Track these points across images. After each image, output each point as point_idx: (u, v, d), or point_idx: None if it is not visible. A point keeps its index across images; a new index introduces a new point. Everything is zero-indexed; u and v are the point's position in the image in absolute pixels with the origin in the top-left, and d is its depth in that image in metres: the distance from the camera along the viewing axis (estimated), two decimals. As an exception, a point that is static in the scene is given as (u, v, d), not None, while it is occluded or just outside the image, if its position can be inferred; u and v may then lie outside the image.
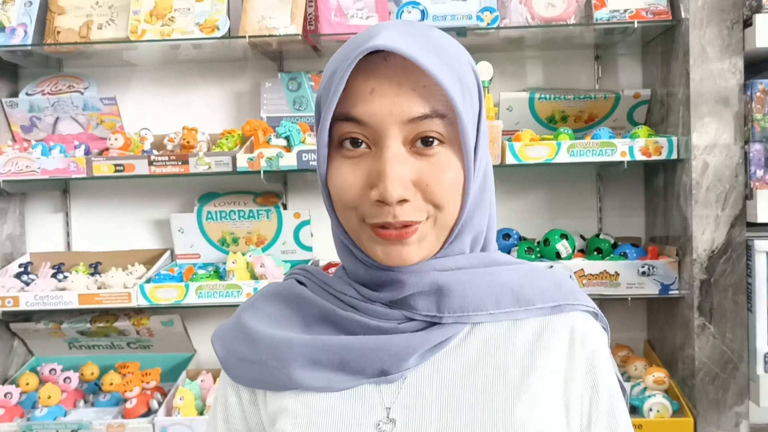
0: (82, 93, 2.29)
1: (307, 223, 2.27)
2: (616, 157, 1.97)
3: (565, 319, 0.81)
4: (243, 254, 2.16)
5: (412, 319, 0.78)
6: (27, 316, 2.28)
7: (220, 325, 0.88)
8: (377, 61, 0.73)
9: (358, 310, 0.80)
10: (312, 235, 2.28)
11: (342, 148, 0.75)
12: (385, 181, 0.71)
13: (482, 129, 0.78)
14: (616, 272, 2.00)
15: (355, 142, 0.74)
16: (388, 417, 0.77)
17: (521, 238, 2.19)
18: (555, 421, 0.78)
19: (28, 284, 2.16)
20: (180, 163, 2.04)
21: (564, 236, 2.08)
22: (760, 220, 1.81)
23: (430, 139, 0.74)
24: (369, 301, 0.80)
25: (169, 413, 2.05)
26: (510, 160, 1.99)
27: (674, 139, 1.96)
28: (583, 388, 0.80)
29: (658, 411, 1.90)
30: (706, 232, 1.87)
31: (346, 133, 0.74)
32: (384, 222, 0.74)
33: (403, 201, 0.73)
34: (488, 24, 2.02)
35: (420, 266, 0.78)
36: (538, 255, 2.08)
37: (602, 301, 2.28)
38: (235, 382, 0.85)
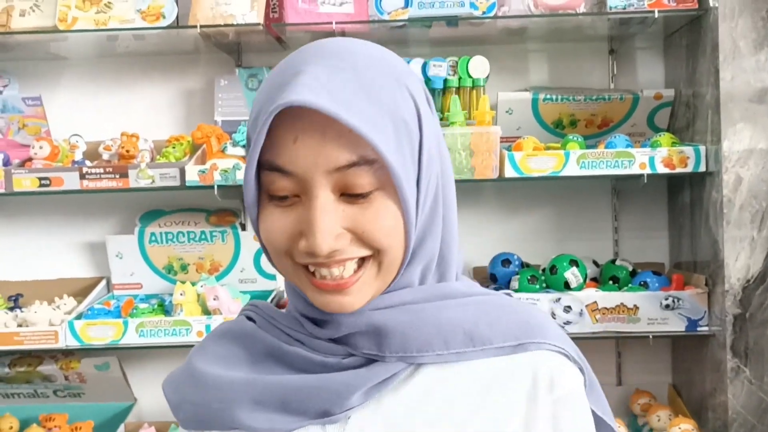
0: (0, 92, 2.27)
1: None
2: (635, 170, 1.97)
3: (529, 359, 0.86)
4: (193, 284, 2.13)
5: (356, 355, 0.86)
6: (-67, 359, 2.24)
7: (173, 370, 0.96)
8: (300, 107, 0.78)
9: (304, 344, 0.88)
10: (276, 261, 2.26)
11: (271, 196, 0.82)
12: (314, 234, 0.78)
13: (426, 157, 0.83)
14: (635, 305, 2.00)
15: (283, 197, 0.81)
16: None
17: (524, 265, 2.18)
18: None
19: (-66, 320, 2.12)
20: (118, 177, 2.02)
21: (574, 263, 2.07)
22: (803, 244, 1.82)
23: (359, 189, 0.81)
24: (314, 336, 0.88)
25: (103, 476, 2.02)
26: (510, 173, 1.99)
27: (702, 148, 1.96)
28: (545, 413, 0.84)
29: (685, 470, 1.89)
30: (740, 257, 1.88)
31: (272, 183, 0.80)
32: (317, 262, 0.80)
33: (334, 251, 0.79)
34: (484, 12, 2.02)
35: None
36: (543, 285, 2.08)
37: (619, 340, 2.28)
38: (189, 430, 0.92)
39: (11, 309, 2.21)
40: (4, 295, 2.28)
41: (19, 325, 2.09)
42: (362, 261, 0.82)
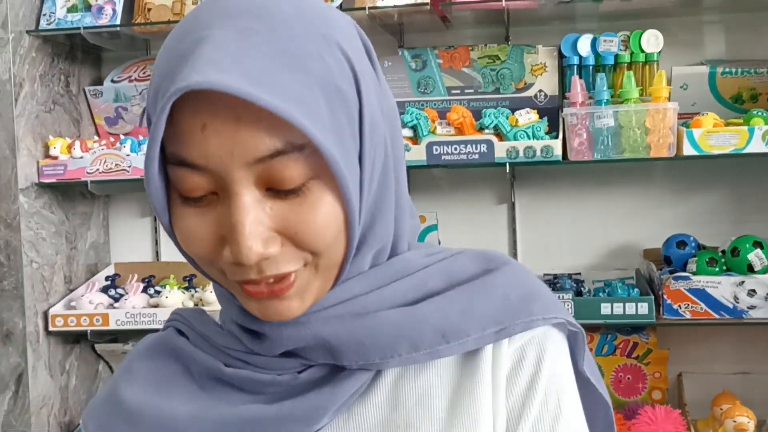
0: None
1: (434, 228, 2.31)
2: (827, 145, 1.91)
3: (515, 344, 0.78)
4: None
5: (312, 365, 0.76)
6: (114, 337, 2.41)
7: (93, 398, 0.86)
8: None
9: (248, 363, 0.77)
10: (440, 243, 2.31)
11: (184, 198, 0.69)
12: (238, 241, 0.66)
13: (368, 124, 0.71)
14: (826, 290, 1.94)
15: (197, 192, 0.68)
16: None
17: (700, 247, 2.14)
18: None
19: (116, 300, 2.28)
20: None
21: (758, 244, 2.02)
22: None
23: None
24: (255, 353, 0.77)
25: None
26: (688, 150, 1.96)
27: None
28: (516, 396, 0.77)
29: None
30: None
31: (182, 181, 0.68)
32: (248, 279, 0.69)
33: (265, 259, 0.68)
34: (660, -16, 2.00)
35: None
36: (723, 268, 2.04)
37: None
38: None
39: (187, 289, 2.35)
40: (177, 276, 2.42)
41: (195, 304, 2.22)
42: None
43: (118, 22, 2.21)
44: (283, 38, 0.67)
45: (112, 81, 2.45)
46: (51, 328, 2.21)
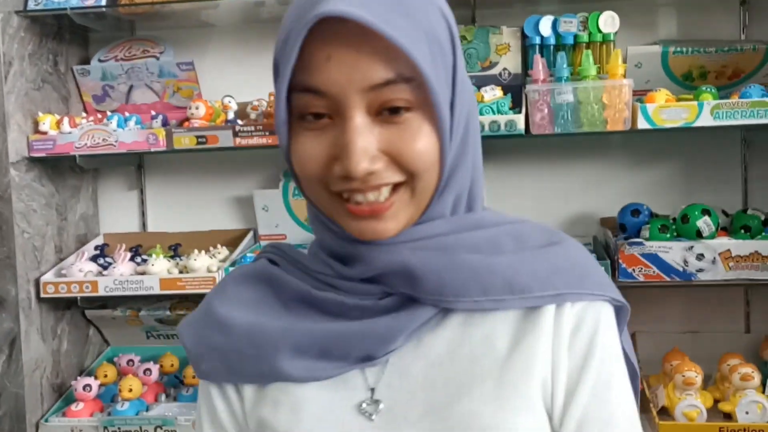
0: (157, 58, 2.35)
1: (405, 199, 2.28)
2: (770, 119, 1.90)
3: (575, 308, 0.82)
4: (336, 234, 2.18)
5: (391, 293, 0.81)
6: (103, 303, 2.38)
7: (188, 315, 0.90)
8: (333, 24, 0.72)
9: (335, 288, 0.82)
10: (411, 213, 2.29)
11: (303, 120, 0.76)
12: (349, 155, 0.72)
13: (459, 81, 0.78)
14: (769, 253, 1.94)
15: (316, 114, 0.75)
16: (372, 398, 0.81)
17: (653, 215, 2.14)
18: (546, 382, 0.80)
19: (105, 268, 2.25)
20: (268, 134, 2.07)
21: (706, 212, 2.02)
22: None
23: (397, 107, 0.74)
24: (345, 278, 0.82)
25: (258, 409, 2.11)
26: (642, 124, 1.94)
27: (842, 96, 1.88)
28: (569, 351, 0.81)
29: (821, 414, 1.84)
30: None
31: (305, 105, 0.75)
32: (353, 188, 0.75)
33: (370, 174, 0.74)
34: (617, -33, 1.97)
35: (392, 239, 0.79)
36: (674, 234, 2.03)
37: (750, 289, 2.22)
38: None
39: (172, 257, 2.31)
40: (163, 245, 2.38)
41: (181, 272, 2.19)
42: (395, 187, 0.76)
43: (103, 3, 2.16)
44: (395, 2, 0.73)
45: (99, 60, 2.39)
46: (42, 295, 2.17)
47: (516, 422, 0.78)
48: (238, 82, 2.38)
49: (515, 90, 2.14)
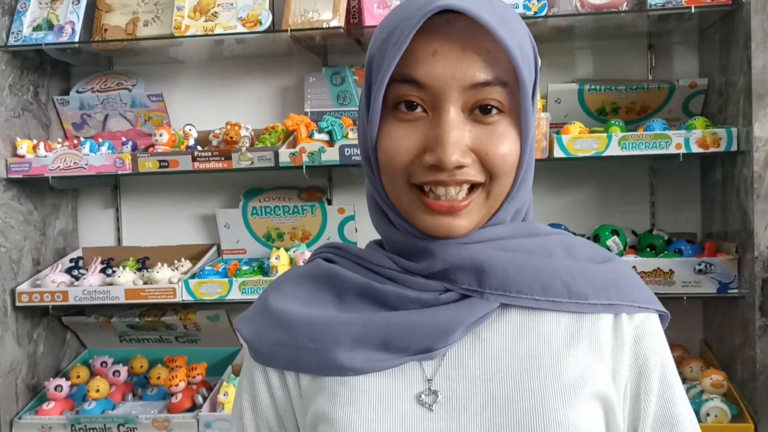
0: (130, 90, 2.23)
1: (351, 218, 2.17)
2: (671, 150, 1.80)
3: (620, 322, 0.75)
4: (287, 250, 2.07)
5: (451, 290, 0.73)
6: (80, 310, 2.24)
7: (243, 313, 0.81)
8: (440, 23, 0.67)
9: (396, 282, 0.74)
10: (357, 231, 2.18)
11: (396, 110, 0.70)
12: (443, 145, 0.67)
13: (536, 99, 0.72)
14: (670, 270, 1.84)
15: (411, 105, 0.69)
16: (429, 389, 0.72)
17: (570, 234, 2.04)
18: (604, 383, 0.73)
19: (77, 279, 2.11)
20: (223, 159, 1.96)
21: (615, 232, 1.93)
22: (829, 215, 1.63)
23: (490, 107, 0.69)
24: (407, 272, 0.74)
25: (213, 408, 1.98)
26: (558, 153, 1.85)
27: (734, 129, 1.78)
28: (631, 359, 0.75)
29: (716, 416, 1.74)
30: (769, 228, 1.70)
31: (403, 95, 0.69)
32: (438, 179, 0.68)
33: (460, 167, 0.68)
34: (536, 12, 1.88)
35: (459, 237, 0.72)
36: (588, 251, 1.93)
37: (655, 300, 2.12)
38: (263, 365, 0.78)
39: (139, 269, 2.19)
40: (134, 258, 2.26)
41: (145, 283, 2.06)
42: (472, 188, 0.71)
43: (76, 39, 2.04)
44: (498, 8, 0.70)
45: (77, 92, 2.27)
46: (18, 304, 2.03)
47: (576, 419, 0.70)
48: (202, 112, 2.27)
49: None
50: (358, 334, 0.71)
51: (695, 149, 1.80)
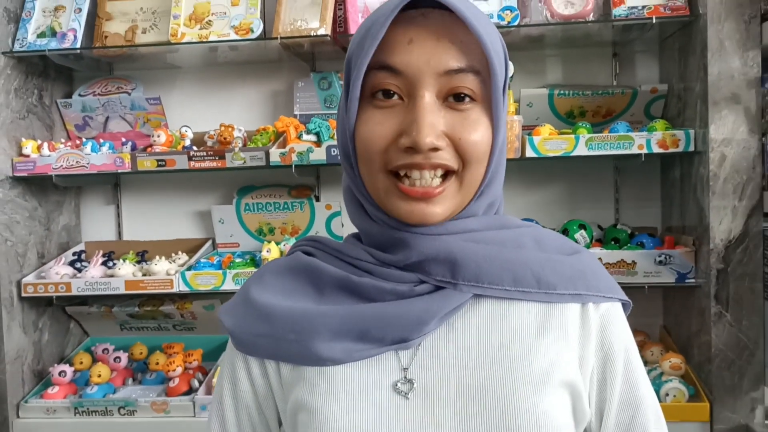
0: (129, 94, 2.21)
1: (338, 214, 2.17)
2: (634, 150, 1.82)
3: (599, 311, 0.75)
4: (277, 243, 2.06)
5: (425, 282, 0.71)
6: (83, 300, 2.22)
7: (225, 303, 0.79)
8: (416, 16, 0.67)
9: (372, 274, 0.72)
10: (343, 225, 2.17)
11: (374, 98, 0.69)
12: (419, 127, 0.65)
13: (506, 95, 0.71)
14: (633, 261, 1.86)
15: (388, 93, 0.68)
16: (405, 378, 0.71)
17: (541, 228, 2.05)
18: (572, 370, 0.72)
19: (80, 271, 2.09)
20: (217, 158, 1.95)
21: (582, 226, 1.94)
22: (778, 210, 1.65)
23: (463, 95, 0.68)
24: (383, 264, 0.72)
25: (209, 392, 1.97)
26: (530, 153, 1.86)
27: (692, 131, 1.80)
28: (597, 346, 0.75)
29: (674, 396, 1.75)
30: (723, 222, 1.72)
31: (380, 83, 0.68)
32: (413, 162, 0.67)
33: (435, 149, 0.66)
34: (509, 22, 1.88)
35: (433, 228, 0.71)
36: (557, 244, 1.94)
37: (619, 289, 2.14)
38: (244, 354, 0.76)
39: (138, 262, 2.17)
40: (134, 252, 2.24)
41: (144, 275, 2.04)
42: (446, 175, 0.69)
43: (78, 46, 2.01)
44: (473, 7, 0.69)
45: (79, 95, 2.24)
46: (23, 294, 2.01)
47: (545, 407, 0.69)
48: (197, 114, 2.25)
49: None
50: (336, 326, 0.70)
51: (656, 150, 1.81)
